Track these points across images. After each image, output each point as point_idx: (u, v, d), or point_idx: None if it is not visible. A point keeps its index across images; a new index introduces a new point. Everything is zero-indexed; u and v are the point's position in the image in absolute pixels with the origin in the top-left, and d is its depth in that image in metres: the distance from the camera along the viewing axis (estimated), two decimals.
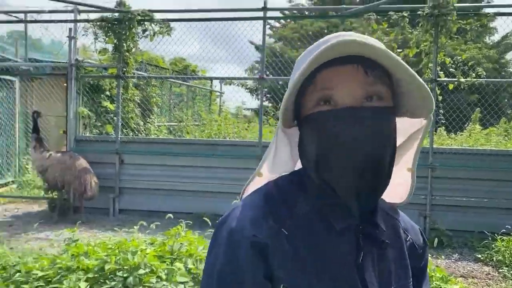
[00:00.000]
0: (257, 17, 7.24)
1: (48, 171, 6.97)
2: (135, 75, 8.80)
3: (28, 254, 4.84)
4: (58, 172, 6.93)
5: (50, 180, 6.99)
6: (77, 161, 7.09)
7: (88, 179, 7.01)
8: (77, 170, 6.99)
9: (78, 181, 6.93)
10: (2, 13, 8.66)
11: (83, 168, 7.06)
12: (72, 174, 6.94)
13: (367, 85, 0.80)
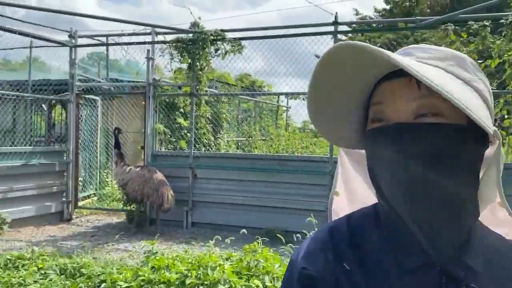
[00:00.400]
0: (328, 32, 7.21)
1: (128, 184, 7.35)
2: (207, 93, 9.10)
3: (110, 265, 5.11)
4: (138, 185, 7.29)
5: (130, 193, 7.37)
6: (154, 174, 7.42)
7: (165, 192, 7.31)
8: (154, 183, 7.31)
9: (156, 194, 7.25)
10: (86, 37, 9.35)
11: (160, 182, 7.37)
12: (150, 187, 7.27)
13: (419, 99, 0.71)
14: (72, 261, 5.04)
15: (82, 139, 9.35)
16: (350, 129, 0.83)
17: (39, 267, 4.83)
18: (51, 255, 5.32)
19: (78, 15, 8.84)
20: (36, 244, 6.58)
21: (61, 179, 8.61)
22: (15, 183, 7.71)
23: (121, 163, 7.59)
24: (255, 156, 8.23)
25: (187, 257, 4.06)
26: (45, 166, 8.22)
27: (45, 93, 9.29)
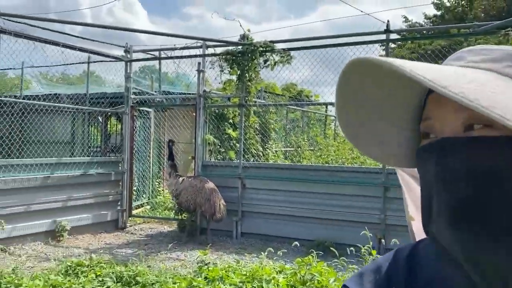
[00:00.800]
0: (380, 40, 7.08)
1: (181, 194, 7.51)
2: (256, 103, 9.16)
3: (164, 273, 5.21)
4: (190, 195, 7.43)
5: (183, 202, 7.52)
6: (206, 184, 7.55)
7: (217, 201, 7.41)
8: (206, 193, 7.43)
9: (208, 204, 7.36)
10: (140, 51, 9.71)
11: (212, 191, 7.48)
12: (203, 197, 7.39)
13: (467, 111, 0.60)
14: (128, 269, 5.19)
15: (135, 149, 9.67)
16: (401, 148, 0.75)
17: (97, 274, 5.00)
18: (108, 263, 5.51)
19: (134, 31, 9.22)
20: (94, 251, 6.84)
21: (116, 188, 8.93)
22: (74, 192, 8.09)
23: (174, 173, 7.77)
24: (305, 167, 8.17)
25: (240, 269, 4.07)
26: (101, 175, 8.56)
27: (101, 106, 9.72)
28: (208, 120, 8.64)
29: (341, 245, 6.57)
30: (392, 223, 6.89)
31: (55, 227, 7.70)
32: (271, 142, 11.41)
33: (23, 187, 7.28)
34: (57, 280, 4.46)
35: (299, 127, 14.37)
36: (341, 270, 4.88)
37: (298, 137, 13.57)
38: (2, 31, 6.92)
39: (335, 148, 11.40)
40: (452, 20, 22.06)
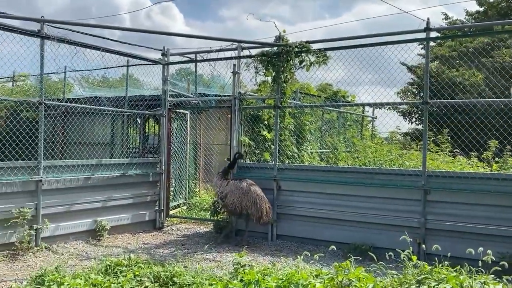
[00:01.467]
0: (420, 39, 6.88)
1: (228, 196, 7.53)
2: (291, 105, 9.10)
3: (201, 275, 5.25)
4: (236, 198, 7.45)
5: (229, 205, 7.54)
6: (252, 187, 7.53)
7: (263, 204, 7.38)
8: (253, 196, 7.41)
9: (254, 207, 7.35)
10: (177, 54, 9.85)
11: (258, 195, 7.45)
12: (249, 200, 7.39)
13: None
14: (165, 269, 5.25)
15: (172, 151, 9.82)
16: None
17: (135, 274, 5.09)
18: (146, 263, 5.60)
19: (170, 34, 9.36)
20: (132, 251, 6.99)
21: (154, 189, 9.10)
22: (114, 192, 8.30)
23: (223, 176, 7.80)
24: (341, 169, 8.03)
25: (276, 272, 4.03)
26: (140, 176, 8.75)
27: (140, 108, 9.93)
28: (243, 121, 8.66)
29: (378, 249, 6.41)
30: (433, 227, 6.67)
31: (95, 226, 7.93)
32: (307, 144, 11.32)
33: (65, 187, 7.53)
34: (97, 279, 4.56)
35: (335, 128, 14.18)
36: (379, 275, 4.76)
37: (334, 138, 13.40)
38: (46, 37, 7.18)
39: (372, 150, 11.17)
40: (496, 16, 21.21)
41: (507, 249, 6.05)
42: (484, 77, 15.94)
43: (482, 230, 6.34)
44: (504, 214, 6.26)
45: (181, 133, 10.57)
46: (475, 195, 6.43)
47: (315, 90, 14.96)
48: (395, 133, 14.28)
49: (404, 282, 4.13)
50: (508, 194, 6.23)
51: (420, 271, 4.16)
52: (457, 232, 6.49)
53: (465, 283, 3.64)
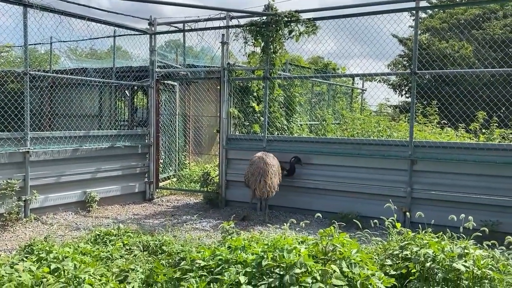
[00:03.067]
0: (409, 8, 6.81)
1: (246, 170, 7.49)
2: (281, 76, 9.04)
3: (189, 243, 5.32)
4: (246, 170, 7.41)
5: (244, 178, 7.47)
6: (259, 159, 7.29)
7: (259, 178, 7.16)
8: (253, 168, 7.27)
9: (253, 179, 7.18)
10: (165, 24, 9.66)
11: (260, 167, 7.21)
12: (250, 172, 7.28)
13: None
14: (154, 238, 5.32)
15: (161, 123, 9.77)
16: None
17: (124, 243, 5.15)
18: (135, 233, 5.66)
19: (158, 3, 9.15)
20: (122, 222, 7.04)
21: (143, 161, 9.09)
22: (103, 164, 8.28)
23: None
24: (329, 140, 8.07)
25: (263, 239, 4.10)
26: (129, 148, 8.72)
27: (127, 79, 9.80)
28: (232, 93, 8.61)
29: (366, 218, 6.54)
30: (419, 196, 6.79)
31: (85, 197, 7.95)
32: (296, 116, 11.32)
33: (53, 158, 7.50)
34: (87, 248, 4.61)
35: (324, 100, 14.18)
36: (365, 242, 4.86)
37: (324, 110, 13.41)
38: (29, 5, 7.00)
39: (361, 122, 11.22)
40: None
41: (489, 217, 6.20)
42: (474, 49, 15.93)
43: (466, 199, 6.47)
44: (487, 183, 6.38)
45: (170, 105, 10.49)
46: (460, 164, 6.53)
47: (307, 63, 14.87)
48: (385, 105, 14.33)
49: (388, 248, 4.24)
50: (492, 164, 6.33)
51: (404, 237, 4.26)
52: (442, 201, 6.63)
53: (446, 248, 3.74)
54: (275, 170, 7.28)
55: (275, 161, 7.38)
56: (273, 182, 7.21)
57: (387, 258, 4.01)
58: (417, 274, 3.63)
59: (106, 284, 3.57)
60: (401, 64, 21.18)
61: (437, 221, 5.16)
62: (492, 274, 3.51)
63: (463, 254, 3.64)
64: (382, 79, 19.52)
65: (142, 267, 4.20)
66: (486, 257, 3.79)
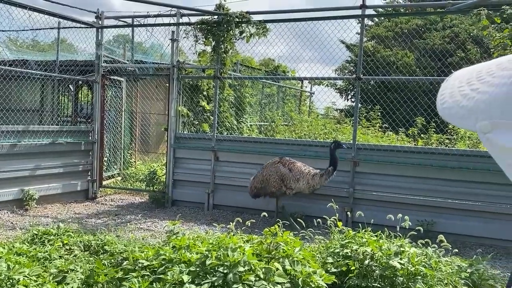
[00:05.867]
0: (355, 15, 7.06)
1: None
2: (231, 76, 9.07)
3: (133, 243, 5.21)
4: None
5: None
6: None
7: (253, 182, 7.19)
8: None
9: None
10: (113, 18, 9.40)
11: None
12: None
13: None
14: (96, 238, 5.16)
15: (107, 119, 9.49)
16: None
17: (64, 242, 4.96)
18: (76, 232, 5.46)
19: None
20: (62, 221, 6.76)
21: (87, 158, 8.79)
22: (43, 161, 7.92)
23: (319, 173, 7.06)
24: (278, 140, 8.20)
25: (208, 238, 4.10)
26: (71, 145, 8.40)
27: (71, 73, 9.43)
28: (181, 91, 8.52)
29: (310, 217, 6.68)
30: (360, 196, 7.05)
31: (22, 196, 7.56)
32: (246, 116, 11.39)
33: None
34: (22, 248, 4.40)
35: (274, 102, 14.37)
36: (308, 241, 4.99)
37: (273, 112, 13.59)
38: None
39: (308, 124, 11.48)
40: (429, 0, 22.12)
41: (425, 217, 6.56)
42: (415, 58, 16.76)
43: (404, 199, 6.80)
44: (424, 185, 6.75)
45: (116, 101, 10.21)
46: (399, 167, 6.85)
47: (258, 64, 14.99)
48: (331, 109, 14.74)
49: (330, 247, 4.38)
50: (428, 167, 6.70)
51: (345, 236, 4.42)
52: (382, 201, 6.92)
53: (384, 246, 3.92)
54: None
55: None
56: None
57: (328, 256, 4.14)
58: (356, 271, 3.78)
59: (42, 285, 3.43)
60: (348, 69, 21.87)
61: (376, 220, 5.38)
62: (425, 270, 3.72)
63: (399, 252, 3.84)
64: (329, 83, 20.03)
65: (83, 267, 4.07)
66: (420, 254, 4.01)
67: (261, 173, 7.11)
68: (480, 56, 14.30)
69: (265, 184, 7.04)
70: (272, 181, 6.96)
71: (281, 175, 6.90)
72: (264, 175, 7.05)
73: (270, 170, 7.01)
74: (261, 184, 7.10)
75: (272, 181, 6.96)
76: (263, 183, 7.06)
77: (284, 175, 6.88)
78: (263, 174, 7.07)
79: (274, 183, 6.95)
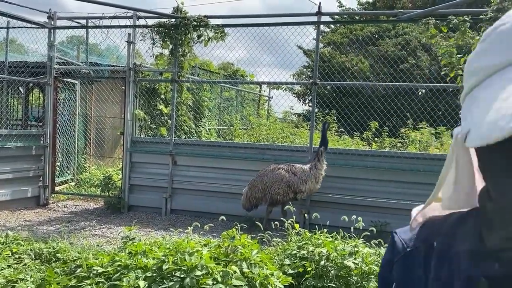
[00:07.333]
0: (311, 22, 7.22)
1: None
2: (189, 80, 9.01)
3: (87, 250, 5.07)
4: None
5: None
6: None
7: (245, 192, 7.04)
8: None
9: None
10: (66, 19, 9.12)
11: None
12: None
13: None
14: (48, 246, 4.98)
15: (60, 123, 9.18)
16: None
17: (13, 251, 4.76)
18: (26, 240, 5.25)
19: None
20: (11, 229, 6.46)
21: (38, 163, 8.45)
22: None
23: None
24: (236, 144, 8.23)
25: (165, 243, 4.06)
26: (21, 149, 8.05)
27: (22, 75, 9.06)
28: (138, 94, 8.38)
29: (269, 220, 6.74)
30: (317, 199, 7.19)
31: None
32: (205, 120, 11.35)
33: None
34: None
35: (233, 106, 14.39)
36: (266, 243, 5.04)
37: (232, 116, 13.62)
38: None
39: (267, 128, 11.59)
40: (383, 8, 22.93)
41: (379, 218, 6.78)
42: (369, 64, 17.31)
43: (359, 201, 7.01)
44: (378, 187, 6.98)
45: (70, 104, 9.89)
46: (354, 169, 7.05)
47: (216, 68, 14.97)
48: (289, 113, 14.95)
49: (288, 248, 4.44)
50: (382, 169, 6.94)
51: (302, 238, 4.50)
52: (338, 203, 7.10)
53: (339, 247, 4.02)
54: None
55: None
56: None
57: (286, 258, 4.20)
58: (312, 272, 3.85)
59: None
60: (305, 74, 22.26)
61: (332, 222, 5.52)
62: (377, 270, 3.85)
63: (354, 252, 3.95)
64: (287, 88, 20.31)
65: (33, 276, 3.92)
66: (373, 254, 4.14)
67: (260, 182, 6.83)
68: (430, 63, 14.98)
69: (267, 192, 6.77)
70: (277, 188, 6.72)
71: (287, 181, 6.69)
72: (265, 183, 6.79)
73: (272, 177, 6.77)
74: (262, 193, 6.81)
75: (277, 188, 6.72)
76: (265, 191, 6.78)
77: (290, 180, 6.69)
78: (263, 182, 6.80)
79: (279, 190, 6.71)
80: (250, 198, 6.92)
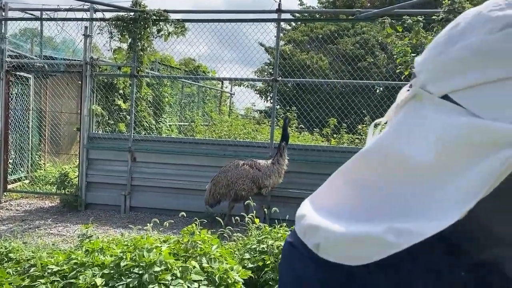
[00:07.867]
0: (271, 19, 7.28)
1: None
2: (148, 74, 8.88)
3: (42, 249, 4.91)
4: None
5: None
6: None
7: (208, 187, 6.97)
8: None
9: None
10: (18, 10, 8.75)
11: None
12: None
13: None
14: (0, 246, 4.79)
15: (12, 119, 8.81)
16: None
17: None
18: None
19: None
20: None
21: None
22: None
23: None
24: (196, 140, 8.19)
25: (123, 240, 4.00)
26: None
27: None
28: (95, 89, 8.17)
29: (230, 216, 6.77)
30: (276, 194, 7.29)
31: None
32: (165, 116, 11.21)
33: None
34: None
35: (194, 102, 14.29)
36: (227, 239, 5.06)
37: (193, 112, 13.52)
38: None
39: (228, 124, 11.59)
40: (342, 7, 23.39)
41: None
42: (329, 62, 17.65)
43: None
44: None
45: (23, 99, 9.51)
46: (313, 165, 7.19)
47: (178, 64, 14.80)
48: (251, 110, 15.02)
49: (248, 243, 4.48)
50: (340, 164, 7.09)
51: (262, 232, 4.56)
52: (298, 198, 7.20)
53: None
54: None
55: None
56: None
57: (246, 252, 4.24)
58: (271, 265, 3.91)
59: None
60: (267, 71, 22.40)
61: (291, 216, 5.59)
62: None
63: None
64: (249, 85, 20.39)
65: None
66: None
67: (224, 177, 6.80)
68: (387, 62, 15.44)
69: (231, 188, 6.76)
70: (241, 183, 6.72)
71: (251, 177, 6.71)
72: (229, 179, 6.76)
73: (236, 173, 6.76)
74: (226, 189, 6.79)
75: (241, 184, 6.72)
76: (229, 187, 6.77)
77: (254, 176, 6.71)
78: (228, 178, 6.77)
79: (244, 185, 6.72)
80: (214, 194, 6.90)
